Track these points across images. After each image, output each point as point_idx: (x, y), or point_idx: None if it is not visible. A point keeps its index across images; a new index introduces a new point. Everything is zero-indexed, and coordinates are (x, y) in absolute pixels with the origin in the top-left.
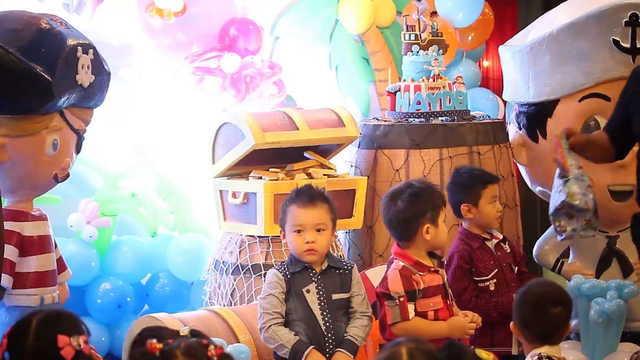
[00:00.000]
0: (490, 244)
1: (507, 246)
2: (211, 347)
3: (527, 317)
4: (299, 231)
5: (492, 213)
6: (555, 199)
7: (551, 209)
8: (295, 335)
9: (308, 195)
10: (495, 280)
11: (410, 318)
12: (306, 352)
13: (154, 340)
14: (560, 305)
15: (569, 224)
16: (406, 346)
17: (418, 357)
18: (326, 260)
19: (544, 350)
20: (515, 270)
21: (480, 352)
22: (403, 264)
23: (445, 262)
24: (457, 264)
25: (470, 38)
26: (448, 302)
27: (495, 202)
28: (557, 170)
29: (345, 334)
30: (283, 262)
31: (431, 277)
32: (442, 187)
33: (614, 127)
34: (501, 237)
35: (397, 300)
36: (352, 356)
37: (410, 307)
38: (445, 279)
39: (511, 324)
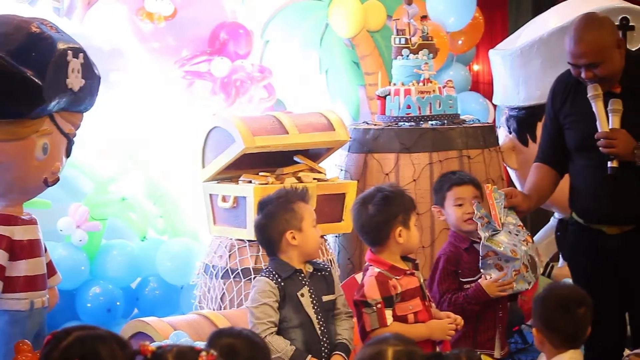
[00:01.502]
0: (479, 247)
1: None
2: (203, 353)
3: (554, 320)
4: (315, 226)
5: (457, 214)
6: (480, 250)
7: (479, 261)
8: (290, 344)
9: (308, 194)
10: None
11: (388, 324)
12: None
13: (147, 342)
14: (584, 306)
15: (497, 276)
16: (392, 348)
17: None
18: (309, 263)
19: (569, 356)
20: None
21: (486, 359)
22: (379, 270)
23: (433, 264)
24: (443, 266)
25: (460, 42)
26: (426, 304)
27: (463, 205)
28: (482, 223)
29: (338, 337)
30: (268, 268)
31: (408, 280)
32: (431, 191)
33: (549, 151)
34: None
35: (374, 307)
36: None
37: (388, 313)
38: (422, 281)
39: (533, 330)
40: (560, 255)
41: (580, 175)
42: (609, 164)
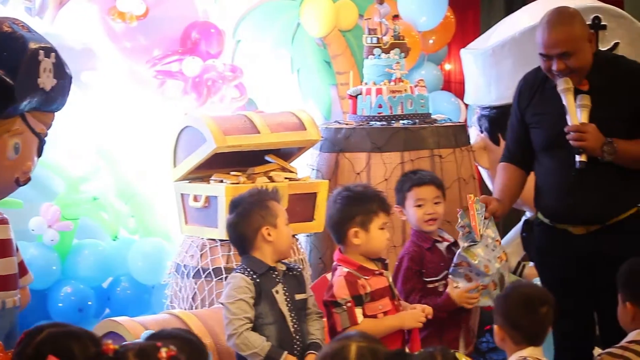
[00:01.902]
0: (441, 246)
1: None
2: (162, 349)
3: (517, 318)
4: (288, 225)
5: (417, 215)
6: (455, 257)
7: (450, 267)
8: (266, 340)
9: (279, 194)
10: (444, 282)
11: (359, 322)
12: (281, 359)
13: (110, 341)
14: (547, 304)
15: (466, 286)
16: (356, 344)
17: (367, 357)
18: (281, 262)
19: (528, 352)
20: None
21: (461, 356)
22: (347, 269)
23: (396, 264)
24: (407, 266)
25: (431, 41)
26: (395, 303)
27: (423, 206)
28: (463, 232)
29: (311, 337)
30: (242, 266)
31: (377, 279)
32: None
33: (515, 150)
34: (452, 240)
35: (344, 306)
36: None
37: (358, 312)
38: (391, 280)
39: (495, 327)
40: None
41: (547, 174)
42: (577, 158)
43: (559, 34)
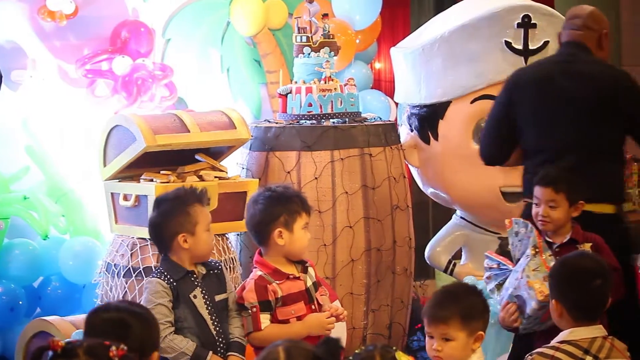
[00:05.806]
0: None
1: None
2: (113, 348)
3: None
4: (209, 230)
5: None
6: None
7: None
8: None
9: (206, 196)
10: None
11: (262, 328)
12: (207, 359)
13: (57, 338)
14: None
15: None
16: (283, 345)
17: (296, 355)
18: (200, 264)
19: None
20: None
21: (401, 356)
22: (260, 273)
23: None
24: None
25: (358, 40)
26: (313, 307)
27: (538, 205)
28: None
29: (230, 336)
30: (159, 269)
31: (291, 284)
32: (333, 189)
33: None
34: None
35: (249, 311)
36: (244, 357)
37: (264, 317)
38: (310, 284)
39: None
40: (463, 253)
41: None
42: None
43: None
